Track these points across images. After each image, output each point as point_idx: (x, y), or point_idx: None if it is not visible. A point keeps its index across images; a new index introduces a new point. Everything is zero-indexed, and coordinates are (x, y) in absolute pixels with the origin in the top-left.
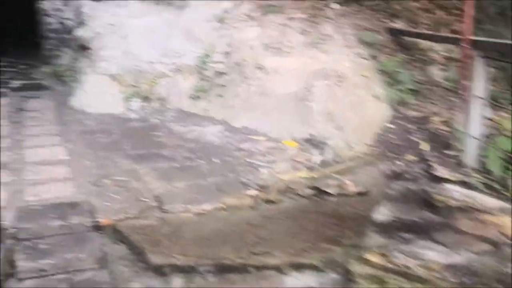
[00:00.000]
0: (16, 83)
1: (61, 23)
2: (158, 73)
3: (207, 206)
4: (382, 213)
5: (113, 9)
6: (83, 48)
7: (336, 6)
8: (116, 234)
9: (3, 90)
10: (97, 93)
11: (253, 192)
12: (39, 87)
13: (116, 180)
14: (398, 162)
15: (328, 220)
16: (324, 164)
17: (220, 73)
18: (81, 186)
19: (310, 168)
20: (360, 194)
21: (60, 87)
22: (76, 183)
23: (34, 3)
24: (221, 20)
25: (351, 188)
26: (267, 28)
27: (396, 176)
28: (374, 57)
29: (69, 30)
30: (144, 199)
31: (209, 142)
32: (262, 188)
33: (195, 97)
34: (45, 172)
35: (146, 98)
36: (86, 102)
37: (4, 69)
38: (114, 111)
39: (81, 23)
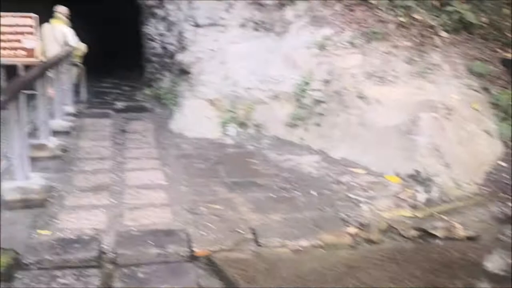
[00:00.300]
0: (119, 105)
1: (164, 47)
2: (255, 99)
3: (304, 243)
4: (495, 262)
5: (213, 34)
6: (183, 72)
7: (444, 34)
8: (211, 266)
9: (107, 111)
10: (195, 117)
11: (352, 229)
12: (140, 109)
13: (212, 209)
14: (511, 205)
15: (435, 266)
16: (430, 203)
17: (318, 101)
18: (178, 213)
19: (414, 207)
20: (469, 238)
21: (160, 110)
22: (173, 210)
23: (139, 28)
24: (321, 47)
25: (460, 231)
26: (370, 56)
27: (509, 220)
28: (485, 89)
29: (171, 55)
30: (239, 231)
31: (306, 173)
32: (363, 226)
33: (291, 125)
34: (144, 197)
35: (242, 124)
36: (184, 126)
37: (109, 90)
38: (211, 135)
39: (182, 48)
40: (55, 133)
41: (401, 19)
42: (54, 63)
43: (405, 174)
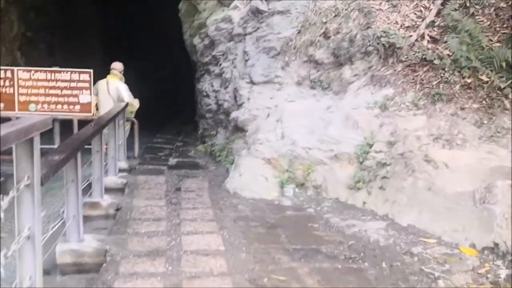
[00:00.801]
0: (172, 161)
1: (218, 104)
2: (314, 160)
3: None
4: None
5: (269, 92)
6: (238, 129)
7: None
8: None
9: (160, 167)
10: (251, 177)
11: None
12: (194, 166)
13: (275, 280)
14: None
15: None
16: None
17: (382, 164)
18: (239, 283)
19: (495, 284)
20: None
21: (214, 167)
22: (233, 280)
23: (194, 84)
24: (383, 107)
25: None
26: (436, 118)
27: None
28: None
29: (225, 111)
30: None
31: (373, 241)
32: None
33: (353, 188)
34: (202, 264)
35: (301, 185)
36: (240, 185)
37: (162, 145)
38: (268, 196)
39: (237, 105)
40: (109, 190)
41: (467, 80)
42: (110, 119)
43: (481, 246)
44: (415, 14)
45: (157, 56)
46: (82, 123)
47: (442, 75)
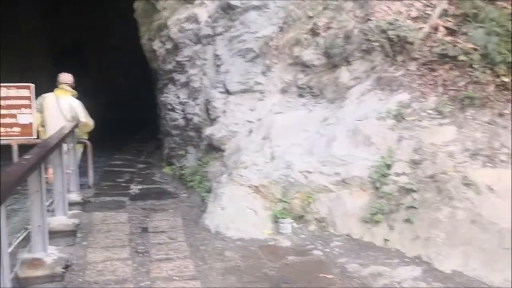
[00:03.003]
0: (135, 188)
1: (187, 118)
2: (315, 186)
3: None
4: None
5: (249, 102)
6: (213, 148)
7: None
8: None
9: (121, 198)
10: (235, 209)
11: None
12: (161, 194)
13: None
14: None
15: None
16: None
17: (406, 190)
18: None
19: None
20: None
21: (186, 195)
22: None
23: (155, 95)
24: (399, 117)
25: None
26: (468, 128)
27: None
28: None
29: (196, 127)
30: None
31: None
32: None
33: (370, 221)
34: None
35: (300, 218)
36: (222, 222)
37: (121, 168)
38: (260, 235)
39: (211, 120)
40: (56, 234)
41: (504, 79)
42: (55, 145)
43: None
44: (421, 2)
45: (113, 66)
46: (24, 148)
47: (470, 74)
